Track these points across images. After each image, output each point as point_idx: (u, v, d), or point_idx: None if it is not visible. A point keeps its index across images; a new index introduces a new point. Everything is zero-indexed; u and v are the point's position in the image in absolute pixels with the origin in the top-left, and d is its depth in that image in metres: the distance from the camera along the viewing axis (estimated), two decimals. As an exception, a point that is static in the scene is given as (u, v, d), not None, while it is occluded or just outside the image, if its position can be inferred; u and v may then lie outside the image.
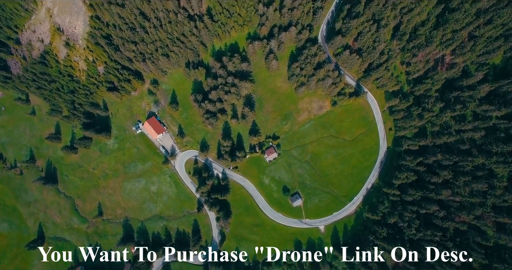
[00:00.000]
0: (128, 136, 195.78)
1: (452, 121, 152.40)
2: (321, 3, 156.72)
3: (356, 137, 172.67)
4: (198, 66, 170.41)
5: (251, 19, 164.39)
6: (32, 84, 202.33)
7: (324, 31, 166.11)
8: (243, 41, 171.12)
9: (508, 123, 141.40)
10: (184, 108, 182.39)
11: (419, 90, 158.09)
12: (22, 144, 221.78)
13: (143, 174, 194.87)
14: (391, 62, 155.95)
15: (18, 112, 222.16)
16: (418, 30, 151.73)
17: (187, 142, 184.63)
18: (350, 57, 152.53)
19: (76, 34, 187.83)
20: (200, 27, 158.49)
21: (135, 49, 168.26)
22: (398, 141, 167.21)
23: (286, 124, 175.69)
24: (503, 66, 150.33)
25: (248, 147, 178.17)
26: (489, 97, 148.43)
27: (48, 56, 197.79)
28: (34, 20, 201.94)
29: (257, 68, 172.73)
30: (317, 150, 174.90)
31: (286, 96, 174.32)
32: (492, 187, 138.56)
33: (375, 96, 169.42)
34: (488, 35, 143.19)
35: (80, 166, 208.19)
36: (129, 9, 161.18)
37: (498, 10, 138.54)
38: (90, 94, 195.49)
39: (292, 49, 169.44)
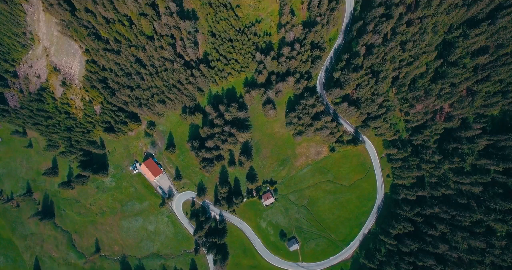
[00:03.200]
0: (125, 175, 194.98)
1: (450, 174, 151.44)
2: (320, 52, 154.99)
3: (353, 183, 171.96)
4: (195, 111, 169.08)
5: (248, 65, 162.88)
6: (29, 120, 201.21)
7: (323, 78, 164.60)
8: (240, 86, 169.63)
9: (507, 179, 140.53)
10: (181, 151, 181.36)
11: (417, 140, 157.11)
12: (19, 176, 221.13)
13: (140, 212, 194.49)
14: (390, 114, 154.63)
15: (15, 145, 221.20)
16: (417, 82, 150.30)
17: (184, 184, 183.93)
18: (349, 109, 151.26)
19: (72, 74, 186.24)
20: (197, 75, 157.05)
21: (131, 95, 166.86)
22: (396, 189, 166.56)
23: (284, 169, 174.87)
24: (502, 118, 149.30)
25: (245, 190, 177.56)
26: (487, 149, 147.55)
27: (44, 93, 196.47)
28: (31, 55, 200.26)
29: (255, 113, 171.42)
30: (314, 195, 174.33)
31: (284, 141, 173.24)
32: (491, 245, 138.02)
33: (373, 143, 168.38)
34: (486, 90, 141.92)
35: (77, 201, 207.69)
36: (124, 56, 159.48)
37: (495, 67, 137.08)
38: (87, 132, 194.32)
39: (290, 95, 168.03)
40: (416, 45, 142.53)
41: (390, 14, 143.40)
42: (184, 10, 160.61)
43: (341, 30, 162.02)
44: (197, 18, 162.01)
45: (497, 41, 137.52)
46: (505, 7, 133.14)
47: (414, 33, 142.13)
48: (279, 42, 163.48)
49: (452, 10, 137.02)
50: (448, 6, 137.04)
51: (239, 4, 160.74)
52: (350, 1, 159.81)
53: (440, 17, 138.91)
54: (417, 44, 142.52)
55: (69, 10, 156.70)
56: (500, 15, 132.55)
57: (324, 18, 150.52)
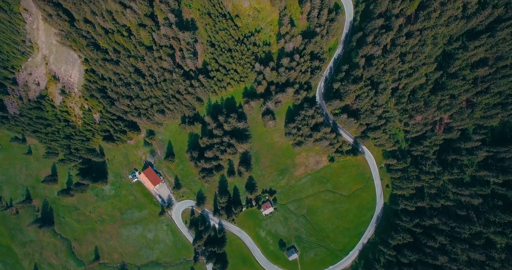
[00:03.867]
0: (125, 183, 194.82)
1: (449, 185, 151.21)
2: (319, 63, 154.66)
3: (352, 192, 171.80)
4: (194, 121, 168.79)
5: (248, 75, 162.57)
6: (28, 127, 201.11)
7: (322, 88, 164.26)
8: (239, 96, 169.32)
9: (506, 191, 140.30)
10: (180, 160, 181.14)
11: (417, 151, 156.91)
12: (18, 183, 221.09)
13: (140, 221, 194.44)
14: (389, 126, 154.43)
15: (14, 151, 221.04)
16: (416, 93, 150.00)
17: (183, 193, 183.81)
18: (348, 120, 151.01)
19: (71, 83, 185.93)
20: (196, 85, 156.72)
21: (130, 104, 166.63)
22: (395, 199, 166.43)
23: (283, 179, 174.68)
24: (501, 129, 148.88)
25: (244, 200, 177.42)
26: (487, 160, 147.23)
27: (43, 101, 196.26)
28: (30, 62, 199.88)
29: (254, 122, 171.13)
30: (313, 204, 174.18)
31: (283, 151, 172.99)
32: (491, 257, 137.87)
33: (372, 153, 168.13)
34: (485, 102, 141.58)
35: (76, 208, 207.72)
36: (123, 66, 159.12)
37: (495, 79, 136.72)
38: (86, 140, 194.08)
39: (289, 105, 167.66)
40: (416, 57, 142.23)
41: (389, 25, 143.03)
42: (183, 20, 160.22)
43: (340, 40, 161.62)
44: (196, 27, 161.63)
45: (496, 53, 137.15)
46: (504, 20, 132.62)
47: (413, 45, 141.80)
48: (279, 52, 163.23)
49: (451, 22, 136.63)
50: (448, 18, 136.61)
51: (239, 14, 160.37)
52: (350, 11, 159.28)
53: (440, 29, 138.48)
54: (417, 56, 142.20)
55: (68, 20, 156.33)
56: (500, 28, 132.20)
57: (323, 29, 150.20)
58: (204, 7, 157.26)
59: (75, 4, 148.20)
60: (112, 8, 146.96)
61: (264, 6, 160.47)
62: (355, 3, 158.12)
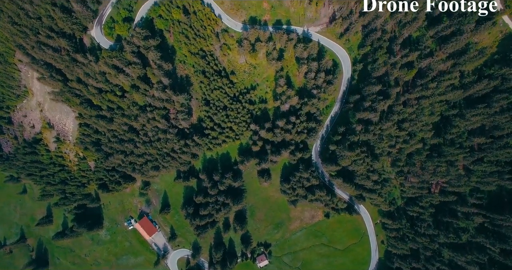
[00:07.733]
0: (120, 230, 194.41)
1: (445, 249, 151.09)
2: (315, 125, 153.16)
3: (347, 247, 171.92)
4: (189, 176, 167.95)
5: (243, 133, 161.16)
6: (22, 171, 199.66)
7: (319, 146, 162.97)
8: (235, 152, 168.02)
9: (504, 259, 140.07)
10: (176, 211, 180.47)
11: (412, 212, 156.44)
12: (12, 222, 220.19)
13: (135, 266, 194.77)
14: (385, 190, 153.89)
15: (9, 190, 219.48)
16: (413, 157, 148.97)
17: (179, 242, 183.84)
18: (344, 184, 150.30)
19: (66, 131, 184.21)
20: (191, 145, 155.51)
21: (124, 160, 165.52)
22: (390, 256, 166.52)
23: (278, 232, 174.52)
24: (498, 192, 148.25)
25: (239, 251, 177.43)
26: (483, 224, 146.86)
27: (38, 146, 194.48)
28: (25, 104, 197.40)
29: (249, 178, 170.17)
30: (308, 258, 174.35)
31: (279, 205, 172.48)
32: None
33: (368, 209, 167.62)
34: (482, 170, 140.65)
35: (72, 250, 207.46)
36: (117, 124, 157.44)
37: (492, 149, 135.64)
38: (81, 186, 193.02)
39: (285, 161, 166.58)
40: (413, 124, 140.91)
41: (387, 91, 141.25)
42: (177, 77, 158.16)
43: (338, 98, 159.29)
44: (191, 84, 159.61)
45: (493, 123, 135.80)
46: (500, 91, 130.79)
47: (411, 113, 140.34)
48: (275, 108, 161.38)
49: (449, 91, 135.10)
50: (445, 88, 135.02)
51: (234, 70, 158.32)
52: (348, 69, 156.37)
53: (437, 98, 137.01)
54: (414, 124, 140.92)
55: (61, 80, 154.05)
56: (495, 99, 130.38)
57: (320, 92, 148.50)
58: (199, 64, 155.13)
59: (68, 67, 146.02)
60: (105, 70, 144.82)
61: (261, 62, 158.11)
62: (353, 61, 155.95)
